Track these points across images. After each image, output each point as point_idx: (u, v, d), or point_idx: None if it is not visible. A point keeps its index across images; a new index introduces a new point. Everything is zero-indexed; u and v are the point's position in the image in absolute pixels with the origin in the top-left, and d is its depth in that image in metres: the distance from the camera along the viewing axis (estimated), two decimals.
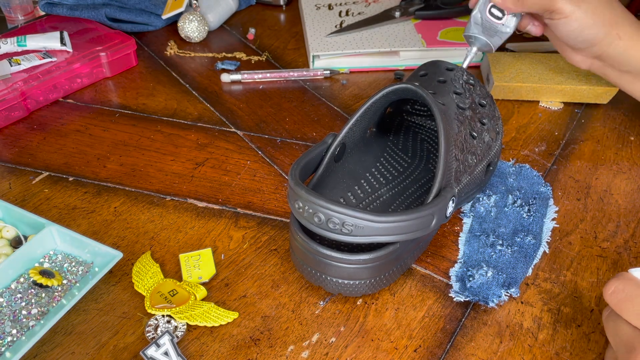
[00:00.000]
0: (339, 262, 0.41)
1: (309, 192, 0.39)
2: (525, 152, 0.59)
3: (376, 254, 0.41)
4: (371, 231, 0.39)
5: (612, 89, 0.63)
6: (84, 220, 0.51)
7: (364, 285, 0.42)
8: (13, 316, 0.42)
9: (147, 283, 0.44)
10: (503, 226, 0.50)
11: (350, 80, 0.72)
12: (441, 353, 0.41)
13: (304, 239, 0.42)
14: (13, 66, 0.65)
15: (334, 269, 0.41)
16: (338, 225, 0.39)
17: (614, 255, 0.48)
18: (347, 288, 0.42)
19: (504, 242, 0.48)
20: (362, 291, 0.43)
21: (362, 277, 0.42)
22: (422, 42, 0.74)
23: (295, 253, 0.44)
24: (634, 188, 0.55)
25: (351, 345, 0.41)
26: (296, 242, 0.43)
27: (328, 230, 0.40)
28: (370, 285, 0.42)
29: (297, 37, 0.82)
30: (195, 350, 0.41)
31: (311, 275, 0.43)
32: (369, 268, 0.41)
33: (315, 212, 0.39)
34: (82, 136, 0.62)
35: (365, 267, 0.41)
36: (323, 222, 0.39)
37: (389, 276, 0.43)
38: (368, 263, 0.41)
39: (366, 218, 0.38)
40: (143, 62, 0.75)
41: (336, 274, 0.41)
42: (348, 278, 0.42)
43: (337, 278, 0.42)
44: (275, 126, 0.64)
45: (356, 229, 0.39)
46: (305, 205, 0.40)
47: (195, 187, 0.55)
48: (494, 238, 0.49)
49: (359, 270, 0.41)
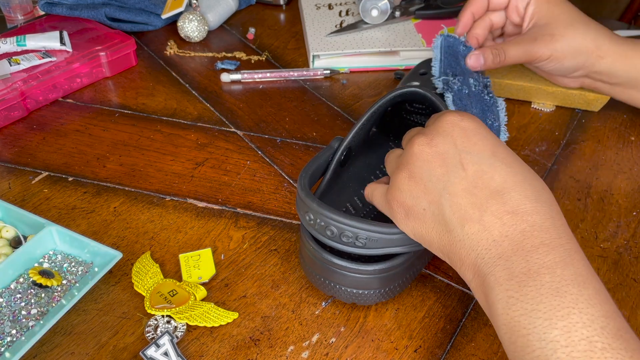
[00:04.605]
0: (352, 272, 0.40)
1: (321, 205, 0.39)
2: (525, 152, 0.59)
3: (389, 264, 0.40)
4: (385, 243, 0.39)
5: (603, 97, 0.63)
6: (83, 220, 0.51)
7: (378, 294, 0.42)
8: (12, 316, 0.42)
9: (146, 283, 0.44)
10: None
11: (350, 80, 0.72)
12: (441, 353, 0.41)
13: (315, 249, 0.41)
14: (12, 66, 0.64)
15: (347, 279, 0.41)
16: (351, 239, 0.38)
17: (614, 256, 0.48)
18: (360, 297, 0.42)
19: None
20: (376, 300, 0.42)
21: (375, 286, 0.41)
22: (422, 42, 0.73)
23: (305, 261, 0.44)
24: (634, 188, 0.55)
25: (351, 346, 0.41)
26: (307, 250, 0.42)
27: (341, 243, 0.39)
28: (384, 294, 0.42)
29: (297, 36, 0.82)
30: (195, 351, 0.41)
31: (323, 285, 0.42)
32: (383, 278, 0.41)
33: (328, 225, 0.39)
34: (81, 136, 0.62)
35: (378, 277, 0.41)
36: (336, 235, 0.39)
37: (401, 284, 0.43)
38: (381, 273, 0.40)
39: (379, 231, 0.38)
40: (143, 61, 0.75)
41: (349, 283, 0.41)
42: (361, 288, 0.41)
43: (350, 288, 0.41)
44: (275, 126, 0.64)
45: (370, 241, 0.38)
46: (316, 218, 0.39)
47: (195, 187, 0.55)
48: None
49: (372, 280, 0.41)
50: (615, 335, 0.29)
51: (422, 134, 0.37)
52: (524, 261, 0.32)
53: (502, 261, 0.32)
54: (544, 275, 0.31)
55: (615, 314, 0.30)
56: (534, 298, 0.30)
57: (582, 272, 0.31)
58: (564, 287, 0.30)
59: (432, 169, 0.36)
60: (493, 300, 0.32)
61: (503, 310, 0.31)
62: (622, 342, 0.29)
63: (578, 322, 0.29)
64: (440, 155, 0.36)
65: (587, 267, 0.32)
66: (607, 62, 0.56)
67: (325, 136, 0.62)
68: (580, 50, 0.56)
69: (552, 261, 0.31)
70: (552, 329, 0.29)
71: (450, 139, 0.36)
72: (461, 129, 0.36)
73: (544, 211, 0.33)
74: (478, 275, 0.33)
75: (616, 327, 0.29)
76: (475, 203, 0.34)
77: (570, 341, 0.29)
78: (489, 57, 0.55)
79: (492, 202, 0.34)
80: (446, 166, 0.35)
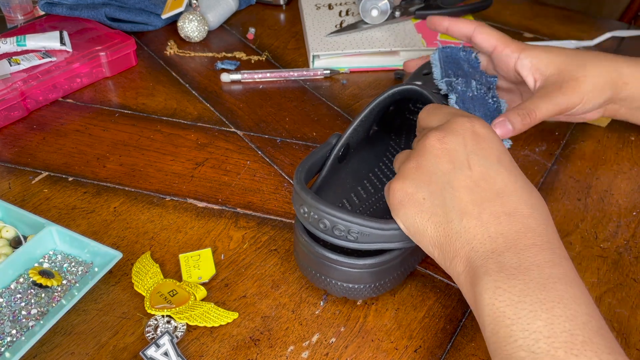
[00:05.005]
0: (343, 266, 0.41)
1: (315, 198, 0.39)
2: (525, 152, 0.59)
3: (380, 259, 0.41)
4: (377, 238, 0.39)
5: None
6: (83, 220, 0.51)
7: (369, 288, 0.42)
8: (12, 316, 0.42)
9: (146, 283, 0.44)
10: None
11: (350, 80, 0.72)
12: (441, 353, 0.41)
13: (309, 242, 0.41)
14: (12, 66, 0.64)
15: (338, 273, 0.41)
16: (344, 232, 0.39)
17: (614, 256, 0.48)
18: (351, 292, 0.42)
19: None
20: (366, 294, 0.42)
21: (366, 281, 0.41)
22: (422, 41, 0.73)
23: (299, 255, 0.44)
24: (634, 188, 0.55)
25: (351, 346, 0.41)
26: (300, 244, 0.42)
27: (333, 237, 0.39)
28: (375, 289, 0.42)
29: (297, 37, 0.82)
30: (195, 351, 0.41)
31: (315, 278, 0.43)
32: (374, 272, 0.41)
33: (321, 218, 0.39)
34: (81, 136, 0.62)
35: (369, 271, 0.41)
36: (328, 228, 0.39)
37: (393, 280, 0.43)
38: (373, 267, 0.41)
39: (372, 226, 0.38)
40: (143, 61, 0.75)
41: (340, 277, 0.41)
42: (352, 282, 0.41)
43: (342, 282, 0.41)
44: (275, 126, 0.64)
45: (362, 236, 0.39)
46: (310, 211, 0.39)
47: (195, 187, 0.55)
48: None
49: (363, 274, 0.41)
50: (597, 332, 0.30)
51: (436, 129, 0.39)
52: (516, 257, 0.33)
53: (494, 255, 0.33)
54: (533, 272, 0.32)
55: (598, 316, 0.31)
56: (521, 291, 0.31)
57: (569, 274, 0.33)
58: (551, 284, 0.31)
59: (439, 163, 0.37)
60: (480, 290, 0.33)
61: (489, 300, 0.32)
62: (602, 339, 0.30)
63: (561, 315, 0.30)
64: (449, 152, 0.37)
65: (575, 272, 0.33)
66: (632, 87, 0.54)
67: (325, 136, 0.62)
68: (607, 83, 0.53)
69: (542, 260, 0.33)
70: (536, 320, 0.30)
71: (461, 139, 0.37)
72: (473, 132, 0.38)
73: (539, 218, 0.35)
74: (469, 267, 0.34)
75: (598, 325, 0.30)
76: (475, 200, 0.35)
77: (552, 332, 0.30)
78: (517, 120, 0.50)
79: (492, 203, 0.35)
80: (453, 163, 0.37)
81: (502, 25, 0.84)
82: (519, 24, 0.85)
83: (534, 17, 0.86)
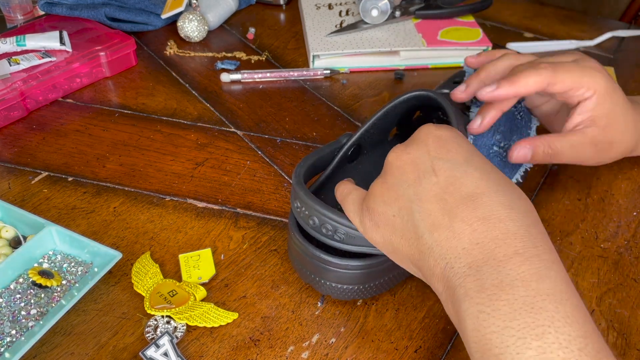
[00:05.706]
0: (330, 265, 0.41)
1: (307, 194, 0.39)
2: None
3: (367, 262, 0.40)
4: (363, 241, 0.39)
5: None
6: (83, 220, 0.51)
7: (357, 290, 0.42)
8: (12, 316, 0.42)
9: (146, 283, 0.44)
10: None
11: (350, 80, 0.72)
12: (442, 354, 0.41)
13: (300, 240, 0.41)
14: (12, 66, 0.64)
15: (327, 272, 0.41)
16: (331, 232, 0.39)
17: (614, 256, 0.48)
18: (337, 292, 0.42)
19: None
20: (353, 296, 0.42)
21: (355, 282, 0.41)
22: (422, 41, 0.73)
23: (292, 252, 0.44)
24: (634, 188, 0.55)
25: (351, 346, 0.41)
26: (292, 241, 0.43)
27: (321, 235, 0.40)
28: (364, 290, 0.42)
29: (297, 36, 0.81)
30: (194, 351, 0.41)
31: (306, 276, 0.43)
32: (362, 274, 0.41)
33: (311, 214, 0.39)
34: (81, 136, 0.62)
35: (358, 272, 0.41)
36: (317, 225, 0.39)
37: (381, 284, 0.43)
38: (362, 269, 0.41)
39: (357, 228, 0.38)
40: (143, 61, 0.75)
41: (328, 277, 0.41)
42: (340, 282, 0.41)
43: (330, 281, 0.42)
44: (275, 126, 0.64)
45: (348, 237, 0.39)
46: (302, 206, 0.40)
47: (195, 187, 0.55)
48: None
49: (352, 275, 0.41)
50: (595, 357, 0.27)
51: (401, 144, 0.37)
52: (496, 272, 0.29)
53: (472, 271, 0.30)
54: (518, 289, 0.29)
55: (595, 334, 0.28)
56: (507, 314, 0.28)
57: (559, 287, 0.29)
58: (539, 303, 0.28)
59: (404, 174, 0.35)
60: (462, 315, 0.30)
61: (473, 326, 0.29)
62: None
63: (554, 342, 0.27)
64: (413, 161, 0.35)
65: (566, 281, 0.30)
66: None
67: (325, 136, 0.62)
68: (636, 147, 0.52)
69: (527, 273, 0.29)
70: (526, 349, 0.27)
71: (424, 147, 0.36)
72: (436, 137, 0.36)
73: (518, 219, 0.31)
74: (447, 287, 0.31)
75: (595, 348, 0.27)
76: (445, 209, 0.32)
77: None
78: (539, 153, 0.47)
79: (463, 208, 0.32)
80: (418, 172, 0.35)
81: (502, 25, 0.84)
82: (519, 23, 0.85)
83: (534, 17, 0.86)
